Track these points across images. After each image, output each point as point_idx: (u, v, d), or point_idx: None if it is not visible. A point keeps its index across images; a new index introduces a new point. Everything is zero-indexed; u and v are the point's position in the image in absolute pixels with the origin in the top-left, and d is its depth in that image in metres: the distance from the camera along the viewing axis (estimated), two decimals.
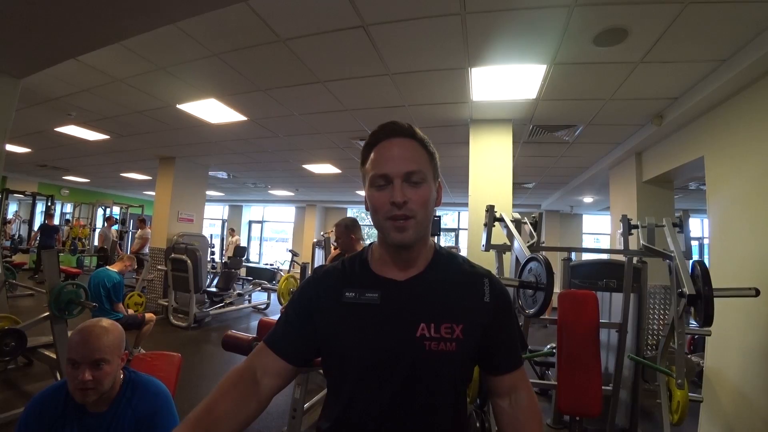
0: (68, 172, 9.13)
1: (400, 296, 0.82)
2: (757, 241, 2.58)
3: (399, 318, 0.80)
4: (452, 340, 0.79)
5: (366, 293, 0.82)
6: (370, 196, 0.82)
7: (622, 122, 3.93)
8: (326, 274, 0.90)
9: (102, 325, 1.29)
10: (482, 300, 0.85)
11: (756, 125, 2.63)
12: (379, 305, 0.81)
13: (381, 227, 0.81)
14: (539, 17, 2.27)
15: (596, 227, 11.36)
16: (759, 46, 2.30)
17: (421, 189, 0.79)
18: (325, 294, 0.86)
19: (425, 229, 0.82)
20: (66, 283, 2.97)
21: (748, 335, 2.58)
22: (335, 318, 0.83)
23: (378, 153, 0.82)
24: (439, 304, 0.82)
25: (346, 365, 0.81)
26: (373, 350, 0.79)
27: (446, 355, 0.79)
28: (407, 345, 0.78)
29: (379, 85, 3.30)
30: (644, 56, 2.61)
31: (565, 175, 6.63)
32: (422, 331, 0.79)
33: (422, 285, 0.84)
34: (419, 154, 0.82)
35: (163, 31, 2.49)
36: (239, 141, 5.39)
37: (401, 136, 0.83)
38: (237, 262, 7.79)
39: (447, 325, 0.80)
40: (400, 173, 0.78)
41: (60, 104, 4.16)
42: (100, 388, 1.22)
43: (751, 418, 2.50)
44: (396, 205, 0.77)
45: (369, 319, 0.81)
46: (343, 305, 0.83)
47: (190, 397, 3.30)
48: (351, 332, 0.81)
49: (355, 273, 0.88)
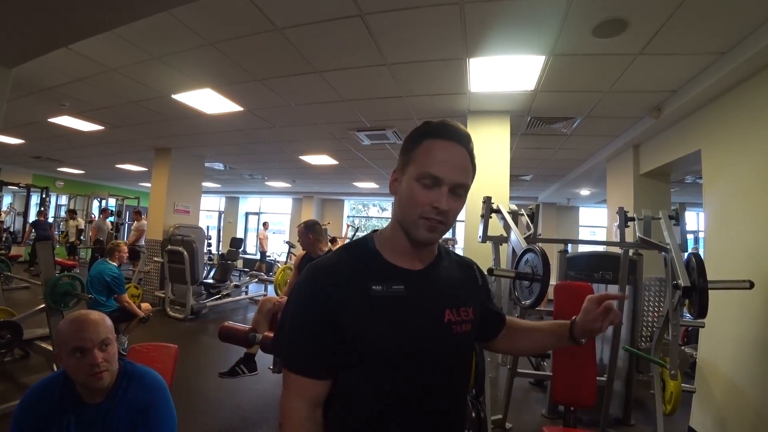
0: (63, 164, 9.06)
1: (422, 286, 0.85)
2: (752, 235, 2.60)
3: (427, 306, 0.84)
4: (468, 322, 0.88)
5: (392, 285, 0.82)
6: (411, 188, 0.81)
7: (620, 115, 3.92)
8: (333, 269, 0.84)
9: (92, 315, 1.29)
10: (477, 283, 0.99)
11: (753, 119, 2.63)
12: (406, 296, 0.82)
13: (411, 222, 0.81)
14: (538, 7, 2.25)
15: (593, 220, 11.40)
16: (758, 39, 2.29)
17: (460, 201, 0.83)
18: (346, 289, 0.81)
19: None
20: (61, 275, 2.95)
21: (742, 327, 2.60)
22: (365, 312, 0.80)
23: (435, 149, 0.81)
24: (455, 290, 0.89)
25: (379, 357, 0.80)
26: (409, 340, 0.81)
27: (466, 335, 0.88)
28: (439, 331, 0.83)
29: (376, 76, 3.28)
30: (643, 48, 2.59)
31: (563, 168, 6.64)
32: (449, 316, 0.84)
33: (437, 274, 0.89)
34: (469, 167, 0.84)
35: (158, 20, 2.45)
36: (235, 132, 5.35)
37: (460, 143, 0.82)
38: (234, 254, 7.78)
39: (464, 309, 0.87)
40: (452, 182, 0.79)
41: (53, 94, 4.10)
42: (111, 368, 1.25)
43: (742, 409, 2.53)
44: (439, 212, 0.79)
45: (399, 309, 0.81)
46: (371, 299, 0.80)
47: (186, 389, 3.32)
48: (384, 325, 0.80)
49: (372, 265, 0.85)
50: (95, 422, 1.24)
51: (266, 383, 3.57)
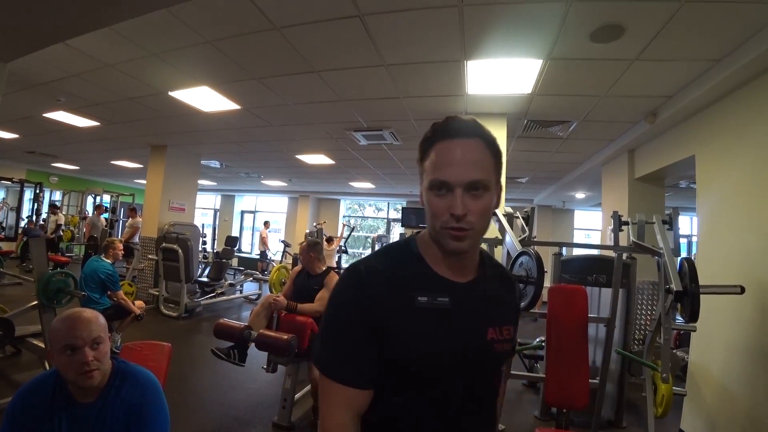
0: (57, 159, 9.00)
1: (466, 300, 0.81)
2: (744, 240, 2.63)
3: (470, 322, 0.80)
4: (510, 341, 0.84)
5: (437, 297, 0.79)
6: (428, 200, 0.78)
7: (616, 119, 3.94)
8: (377, 275, 0.80)
9: (84, 313, 1.28)
10: (516, 302, 0.94)
11: (746, 126, 2.66)
12: (451, 309, 0.78)
13: (437, 233, 0.78)
14: (537, 11, 2.27)
15: (588, 223, 11.47)
16: (752, 47, 2.32)
17: (482, 199, 0.75)
18: (391, 297, 0.77)
19: (481, 235, 0.80)
20: (55, 272, 2.93)
21: (733, 331, 2.63)
22: (410, 323, 0.77)
23: (439, 154, 0.76)
24: (498, 308, 0.85)
25: (418, 370, 0.77)
26: (450, 355, 0.77)
27: (506, 355, 0.84)
28: (479, 348, 0.80)
29: (374, 76, 3.28)
30: (640, 54, 2.61)
31: (558, 171, 6.67)
32: (492, 334, 0.81)
33: (481, 288, 0.84)
34: (484, 157, 0.76)
35: (156, 17, 2.44)
36: (232, 130, 5.34)
37: (466, 137, 0.76)
38: (229, 252, 7.76)
39: (507, 328, 0.84)
40: (462, 182, 0.73)
41: (49, 89, 4.08)
42: (102, 367, 1.23)
43: (733, 412, 2.56)
44: (455, 217, 0.73)
45: (443, 323, 0.78)
46: (416, 310, 0.77)
47: (180, 388, 3.30)
48: (428, 337, 0.77)
49: (417, 273, 0.81)
50: (88, 421, 1.23)
51: (259, 382, 3.56)
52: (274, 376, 3.24)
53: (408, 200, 11.52)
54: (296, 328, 2.79)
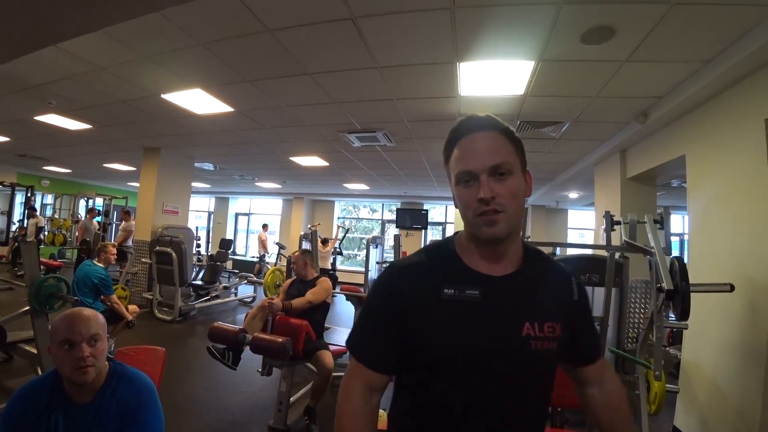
0: (49, 162, 8.91)
1: (501, 293, 0.80)
2: (733, 238, 2.66)
3: (502, 316, 0.79)
4: (554, 339, 0.80)
5: (466, 290, 0.79)
6: (458, 194, 0.81)
7: (607, 120, 3.98)
8: (412, 270, 0.85)
9: (84, 311, 1.33)
10: (572, 298, 0.87)
11: (735, 126, 2.69)
12: (481, 303, 0.78)
13: (472, 224, 0.80)
14: (528, 13, 2.28)
15: (581, 222, 11.54)
16: (740, 48, 2.35)
17: (508, 181, 0.77)
18: (418, 290, 0.81)
19: (517, 221, 0.80)
20: (47, 276, 2.91)
21: (724, 329, 2.66)
22: (434, 315, 0.79)
23: (461, 149, 0.81)
24: (540, 303, 0.82)
25: (444, 363, 0.78)
26: (477, 349, 0.77)
27: (549, 353, 0.80)
28: (512, 344, 0.77)
29: (367, 78, 3.29)
30: (630, 55, 2.64)
31: (552, 171, 6.71)
32: (528, 330, 0.78)
33: (521, 282, 0.82)
34: (504, 145, 0.80)
35: (148, 19, 2.43)
36: (226, 132, 5.32)
37: (483, 130, 0.80)
38: (223, 255, 7.73)
39: (549, 324, 0.80)
40: (485, 167, 0.76)
41: (40, 92, 4.04)
42: (98, 365, 1.26)
43: (724, 408, 2.59)
44: (484, 201, 0.75)
45: (471, 316, 0.78)
46: (442, 302, 0.79)
47: (174, 392, 3.29)
48: (452, 330, 0.78)
49: (449, 267, 0.83)
50: (84, 421, 1.24)
51: (255, 385, 3.55)
52: (270, 379, 3.23)
53: (402, 201, 11.54)
54: (291, 331, 2.79)
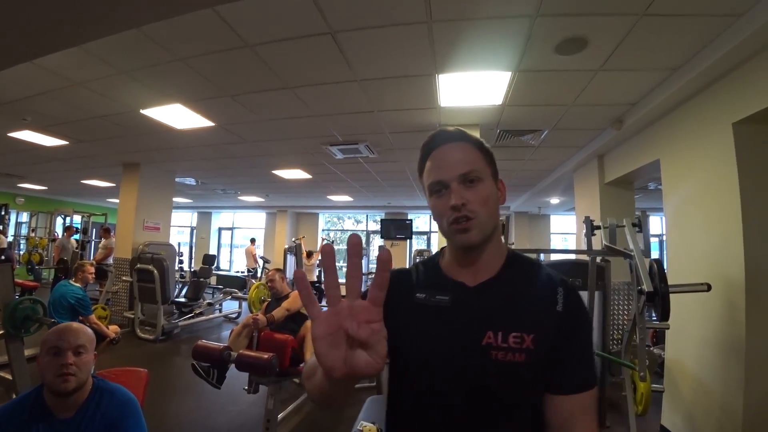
0: (24, 179, 8.67)
1: (470, 300, 0.80)
2: (708, 239, 2.74)
3: (467, 324, 0.78)
4: (521, 351, 0.74)
5: (437, 295, 0.81)
6: (431, 204, 0.83)
7: (584, 127, 4.08)
8: (401, 274, 0.89)
9: (74, 324, 1.41)
10: (554, 308, 0.78)
11: (706, 130, 2.79)
12: (449, 308, 0.79)
13: (447, 233, 0.81)
14: (503, 26, 2.34)
15: (564, 227, 11.73)
16: (706, 56, 2.45)
17: (479, 188, 0.78)
18: (399, 293, 0.81)
19: (490, 228, 0.80)
20: (22, 298, 2.81)
21: (704, 327, 2.73)
22: (406, 319, 0.80)
23: (432, 161, 0.83)
24: (510, 312, 0.78)
25: (414, 367, 0.80)
26: (441, 354, 0.77)
27: (514, 366, 0.74)
28: (471, 353, 0.75)
29: (347, 91, 3.31)
30: (603, 64, 2.72)
31: (532, 178, 6.82)
32: (488, 339, 0.75)
33: (493, 290, 0.81)
34: (473, 154, 0.81)
35: (127, 35, 2.41)
36: (207, 147, 5.27)
37: (452, 141, 0.82)
38: (206, 271, 7.60)
39: (516, 335, 0.75)
40: (455, 176, 0.78)
41: (14, 108, 3.95)
42: (79, 375, 1.29)
43: (709, 404, 2.64)
44: (455, 208, 0.76)
45: (438, 321, 0.79)
46: (414, 306, 0.82)
47: (159, 413, 3.19)
48: (420, 334, 0.80)
49: (428, 275, 0.87)
50: None
51: (241, 404, 3.48)
52: (256, 397, 3.17)
53: (386, 212, 11.56)
54: (276, 347, 2.75)
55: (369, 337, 0.52)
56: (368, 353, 0.53)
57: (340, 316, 0.53)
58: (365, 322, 0.53)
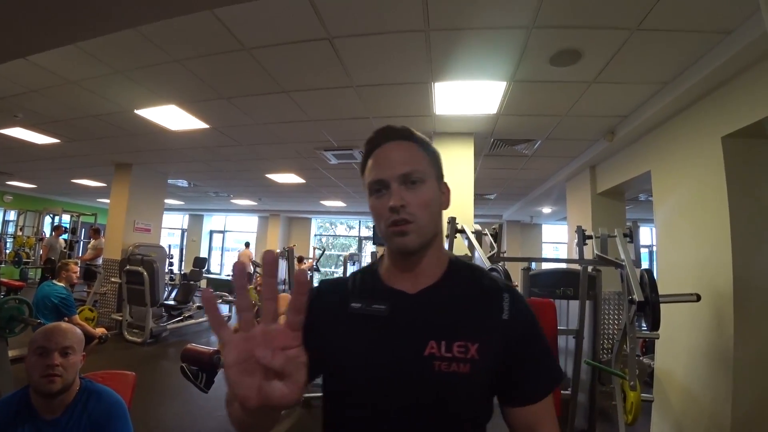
0: (12, 177, 8.54)
1: (409, 310, 0.75)
2: (697, 249, 2.78)
3: (407, 333, 0.73)
4: (466, 361, 0.70)
5: (374, 304, 0.76)
6: (370, 205, 0.78)
7: (577, 137, 4.13)
8: (333, 284, 0.86)
9: (63, 324, 1.40)
10: (500, 317, 0.75)
11: (695, 143, 2.84)
12: (387, 317, 0.75)
13: (385, 236, 0.77)
14: (499, 37, 2.37)
15: (555, 236, 11.81)
16: (696, 71, 2.50)
17: (420, 190, 0.75)
18: (332, 304, 0.80)
19: (430, 233, 0.76)
20: (7, 298, 2.76)
21: (693, 337, 2.75)
22: (340, 330, 0.77)
23: (374, 159, 0.78)
24: (453, 320, 0.74)
25: (350, 380, 0.75)
26: (379, 366, 0.72)
27: (459, 377, 0.70)
28: (413, 364, 0.71)
29: (343, 97, 3.32)
30: (596, 77, 2.77)
31: (525, 187, 6.87)
32: (431, 349, 0.71)
33: (435, 298, 0.76)
34: (417, 154, 0.78)
35: (123, 35, 2.40)
36: (201, 149, 5.25)
37: (397, 139, 0.79)
38: (197, 274, 7.53)
39: (460, 344, 0.71)
40: (396, 176, 0.74)
41: (5, 105, 3.90)
42: (66, 376, 1.27)
43: (697, 414, 2.66)
44: (393, 209, 0.72)
45: (376, 331, 0.74)
46: (349, 316, 0.77)
47: (146, 417, 3.14)
48: (356, 345, 0.75)
49: (365, 284, 0.82)
50: None
51: None
52: None
53: None
54: None
55: (284, 365, 0.47)
56: (284, 383, 0.47)
57: (253, 341, 0.47)
58: (281, 349, 0.47)
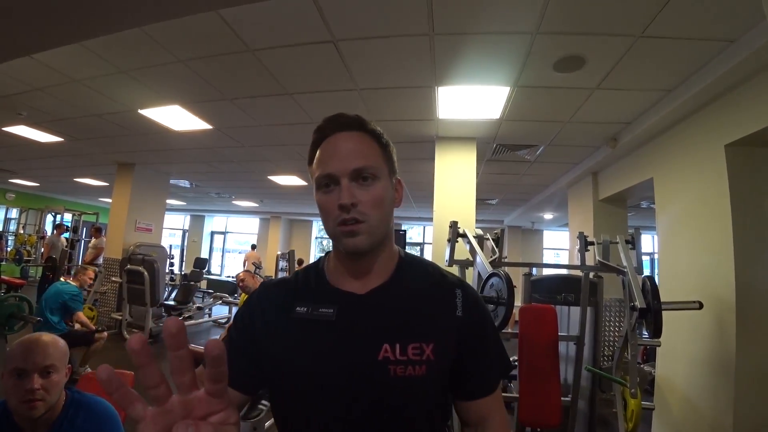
0: (15, 175, 8.57)
1: (359, 312, 0.71)
2: (700, 257, 2.77)
3: (358, 338, 0.69)
4: (422, 363, 0.68)
5: (320, 308, 0.71)
6: (317, 200, 0.73)
7: (579, 144, 4.13)
8: (275, 287, 0.80)
9: (44, 336, 1.23)
10: (454, 314, 0.74)
11: (698, 151, 2.84)
12: (335, 322, 0.70)
13: (332, 235, 0.71)
14: (503, 42, 2.38)
15: (556, 242, 11.79)
16: (699, 79, 2.51)
17: (372, 188, 0.70)
18: (273, 309, 0.74)
19: (381, 233, 0.72)
20: (7, 295, 2.76)
21: (694, 345, 2.74)
22: (284, 336, 0.71)
23: (323, 150, 0.73)
24: (406, 321, 0.71)
25: (297, 391, 0.69)
26: (330, 376, 0.67)
27: (416, 380, 0.67)
28: (367, 369, 0.67)
29: (347, 100, 3.33)
30: (600, 83, 2.77)
31: (527, 193, 6.87)
32: (385, 353, 0.67)
33: (385, 298, 0.73)
34: (370, 147, 0.73)
35: (128, 34, 2.42)
36: (203, 150, 5.26)
37: (348, 130, 0.74)
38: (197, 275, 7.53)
39: (415, 345, 0.68)
40: (347, 171, 0.69)
41: (9, 102, 3.91)
42: (48, 399, 1.15)
43: (698, 422, 2.64)
44: (344, 208, 0.67)
45: (323, 337, 0.69)
46: (293, 321, 0.71)
47: None
48: (302, 353, 0.69)
49: (309, 285, 0.77)
50: None
51: None
52: None
53: None
54: None
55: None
56: None
57: (171, 415, 0.41)
58: (203, 418, 0.42)
